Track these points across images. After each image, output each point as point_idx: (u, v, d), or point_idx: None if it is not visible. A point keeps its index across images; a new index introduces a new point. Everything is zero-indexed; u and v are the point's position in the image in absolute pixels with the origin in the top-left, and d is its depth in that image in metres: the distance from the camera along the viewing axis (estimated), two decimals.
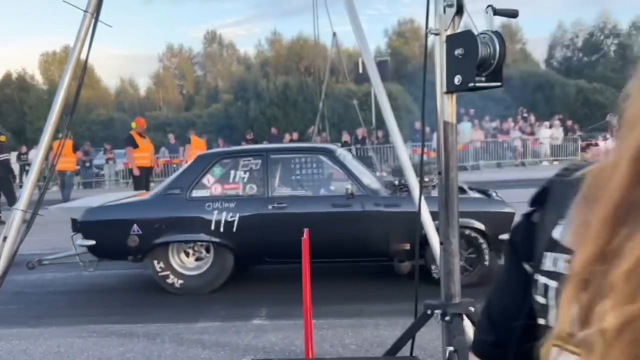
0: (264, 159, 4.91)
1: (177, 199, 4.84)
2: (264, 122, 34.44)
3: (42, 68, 48.80)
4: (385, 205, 4.65)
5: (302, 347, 3.34)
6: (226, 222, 4.68)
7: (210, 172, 4.92)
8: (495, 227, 4.50)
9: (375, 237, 4.63)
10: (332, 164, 4.91)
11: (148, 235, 4.72)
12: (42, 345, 3.67)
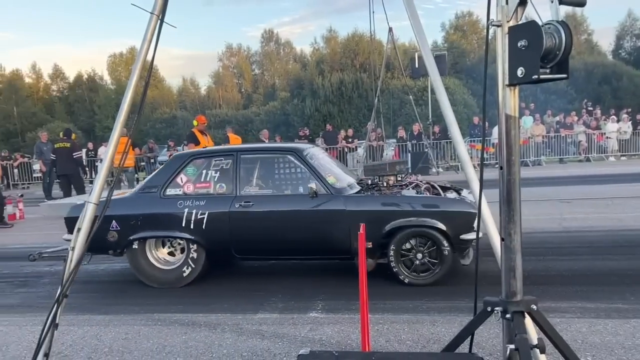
0: (234, 158, 5.08)
1: (152, 196, 5.06)
2: (319, 118, 34.63)
3: (110, 69, 51.17)
4: (348, 204, 4.69)
5: (358, 341, 3.36)
6: (196, 219, 4.86)
7: (183, 171, 5.12)
8: (456, 227, 4.49)
9: (337, 235, 4.68)
10: (299, 164, 4.97)
11: (125, 231, 4.97)
12: (111, 332, 3.87)
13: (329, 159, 5.70)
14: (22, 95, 46.02)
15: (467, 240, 4.51)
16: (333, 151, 18.32)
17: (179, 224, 4.88)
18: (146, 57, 2.85)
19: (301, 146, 5.33)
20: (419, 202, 4.65)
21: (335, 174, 5.13)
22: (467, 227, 4.49)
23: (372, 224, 4.44)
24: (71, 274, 2.63)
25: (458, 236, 4.49)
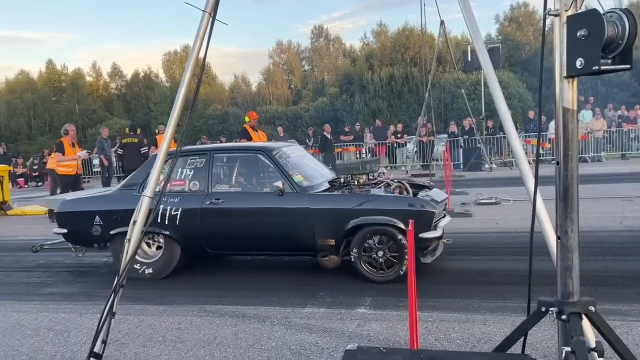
0: (208, 157, 5.28)
1: (131, 193, 5.24)
2: (368, 114, 34.44)
3: (165, 67, 52.68)
4: (312, 202, 4.81)
5: (406, 338, 3.32)
6: (170, 215, 5.09)
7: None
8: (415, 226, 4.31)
9: (302, 232, 4.81)
10: (268, 163, 5.11)
11: (108, 226, 5.24)
12: (165, 322, 3.99)
13: (305, 158, 5.82)
14: (83, 93, 48.12)
15: (426, 238, 4.55)
16: (382, 147, 18.19)
17: (155, 219, 5.04)
18: (199, 55, 2.91)
19: (271, 145, 5.48)
20: (379, 201, 4.75)
21: (304, 172, 5.22)
22: (426, 226, 4.54)
23: (334, 221, 4.71)
24: (127, 264, 2.73)
25: (417, 234, 4.43)
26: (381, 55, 42.23)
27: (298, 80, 52.38)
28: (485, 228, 6.93)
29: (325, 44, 54.03)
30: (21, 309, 4.53)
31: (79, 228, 5.43)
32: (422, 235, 4.49)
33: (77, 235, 5.48)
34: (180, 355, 3.34)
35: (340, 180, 5.52)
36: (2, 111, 45.79)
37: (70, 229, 5.47)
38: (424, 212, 4.59)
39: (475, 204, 8.78)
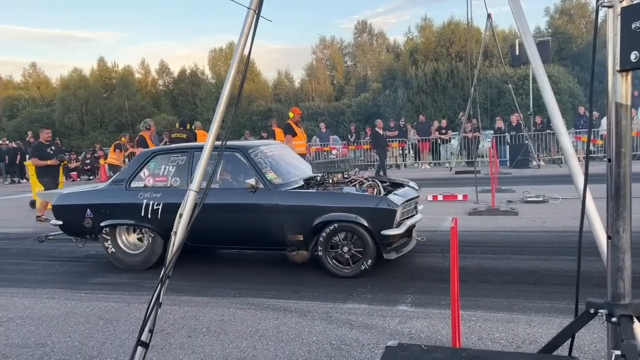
0: (189, 155, 5.57)
1: (119, 188, 5.68)
2: (411, 109, 34.07)
3: (210, 64, 53.62)
4: (281, 199, 5.01)
5: (448, 337, 3.28)
6: (152, 209, 5.38)
7: (146, 166, 5.69)
8: (377, 223, 4.70)
9: (273, 227, 5.02)
10: (244, 161, 5.30)
11: (98, 218, 5.61)
12: (209, 313, 4.09)
13: (286, 158, 5.98)
14: (132, 90, 49.60)
15: (389, 235, 4.68)
16: (425, 143, 17.97)
17: (139, 213, 5.42)
18: (243, 52, 2.95)
19: (248, 144, 5.77)
20: (345, 198, 4.91)
21: (279, 171, 5.43)
22: (388, 223, 4.68)
23: (302, 218, 4.90)
24: (173, 256, 2.80)
25: (379, 232, 4.67)
26: (425, 49, 41.63)
27: (341, 76, 52.30)
28: (532, 227, 6.75)
29: (369, 39, 53.71)
30: (73, 297, 4.73)
31: (73, 220, 5.79)
32: (384, 232, 4.66)
33: (71, 226, 5.85)
34: (224, 347, 3.41)
35: (317, 179, 5.61)
36: (57, 107, 47.78)
37: (65, 221, 5.84)
38: (386, 210, 4.72)
39: (522, 202, 8.56)
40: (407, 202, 5.11)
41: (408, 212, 5.18)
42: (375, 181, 5.36)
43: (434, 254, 5.58)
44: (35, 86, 55.16)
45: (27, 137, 23.93)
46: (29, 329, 3.94)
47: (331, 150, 19.32)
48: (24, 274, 5.74)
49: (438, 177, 14.14)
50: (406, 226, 4.91)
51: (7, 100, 51.14)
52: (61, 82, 51.24)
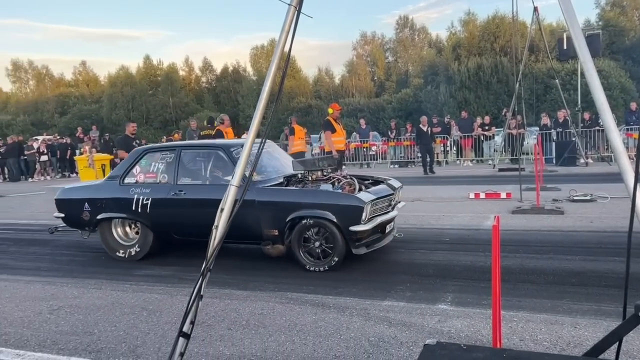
0: (176, 153, 5.88)
1: (114, 184, 6.05)
2: (454, 105, 33.51)
3: (252, 61, 54.22)
4: (258, 196, 5.23)
5: (489, 337, 3.23)
6: (142, 204, 5.73)
7: (138, 163, 6.04)
8: (346, 220, 4.89)
9: (250, 222, 5.22)
10: (226, 158, 5.58)
11: (94, 212, 5.99)
12: (249, 307, 4.15)
13: (270, 155, 6.18)
14: (177, 87, 50.71)
15: (356, 231, 4.87)
16: (468, 139, 17.65)
17: (130, 207, 5.78)
18: (284, 48, 2.98)
19: (230, 143, 6.06)
20: (317, 195, 5.13)
21: (258, 168, 5.52)
22: (356, 219, 4.86)
23: (277, 213, 5.15)
24: (214, 250, 2.86)
25: (347, 227, 4.87)
26: (469, 44, 40.88)
27: (381, 72, 51.92)
28: (578, 226, 6.54)
29: (410, 34, 53.09)
30: (119, 288, 4.89)
31: (73, 213, 6.19)
32: (352, 228, 4.86)
33: (72, 219, 6.25)
34: (263, 340, 3.46)
35: (298, 176, 5.77)
36: (105, 104, 49.37)
37: (66, 214, 6.27)
38: (354, 207, 4.89)
39: (568, 200, 8.30)
40: (380, 200, 5.26)
41: (381, 209, 5.33)
42: (352, 179, 5.59)
43: (475, 252, 5.49)
44: (85, 84, 57.21)
45: (77, 132, 24.87)
46: (78, 317, 4.10)
47: (370, 147, 19.24)
48: (73, 264, 5.97)
49: (480, 174, 13.87)
50: (376, 223, 5.07)
51: (58, 98, 53.23)
52: (109, 79, 52.92)
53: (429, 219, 7.02)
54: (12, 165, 20.75)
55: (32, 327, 3.92)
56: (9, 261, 6.31)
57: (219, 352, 3.31)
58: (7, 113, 53.01)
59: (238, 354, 3.26)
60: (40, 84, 58.98)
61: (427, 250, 5.71)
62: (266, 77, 3.03)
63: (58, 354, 3.40)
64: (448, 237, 6.34)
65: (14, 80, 60.36)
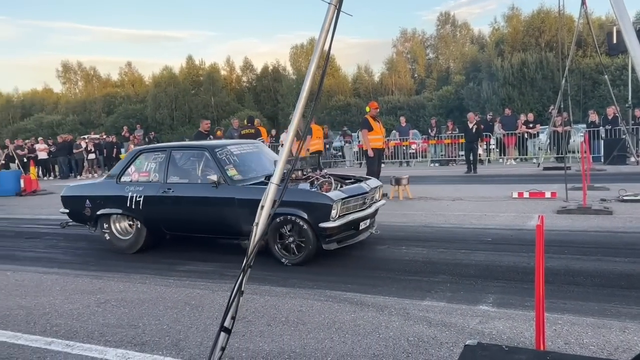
0: (167, 154, 6.26)
1: (112, 182, 6.46)
2: (496, 102, 32.84)
3: (292, 60, 54.56)
4: (237, 194, 5.60)
5: (532, 340, 3.15)
6: (135, 200, 6.11)
7: (133, 163, 6.43)
8: (316, 217, 5.19)
9: (230, 219, 5.60)
10: (211, 159, 5.91)
11: (95, 208, 6.41)
12: (288, 304, 4.19)
13: (255, 156, 6.52)
14: (218, 87, 51.56)
15: (325, 228, 5.15)
16: (511, 137, 17.24)
17: (125, 204, 6.17)
18: (324, 47, 2.98)
19: (216, 144, 6.45)
20: (290, 194, 5.26)
21: (242, 168, 5.98)
22: (325, 216, 5.14)
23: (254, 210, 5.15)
24: (254, 246, 2.90)
25: (317, 224, 5.16)
26: (513, 40, 39.94)
27: (422, 69, 51.35)
28: (628, 227, 6.30)
29: (452, 30, 52.29)
30: (163, 283, 5.02)
31: (76, 209, 6.64)
32: (321, 224, 5.15)
33: (76, 214, 6.70)
34: (302, 337, 3.49)
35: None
36: (149, 104, 50.70)
37: (70, 210, 6.72)
38: (323, 204, 5.19)
39: (617, 200, 8.00)
40: (352, 198, 5.52)
41: (354, 207, 5.56)
42: (330, 178, 5.87)
43: (518, 253, 5.36)
44: (130, 84, 58.94)
45: (123, 131, 25.63)
46: (124, 311, 4.24)
47: (410, 145, 19.05)
48: (118, 260, 6.16)
49: (524, 173, 13.53)
50: (346, 220, 5.35)
51: (105, 98, 55.03)
52: (153, 79, 54.34)
53: (470, 218, 6.90)
54: (62, 163, 21.58)
55: (81, 319, 4.08)
56: (59, 255, 6.58)
57: (259, 348, 3.35)
58: (58, 113, 55.25)
59: (277, 350, 3.30)
60: (89, 84, 61.14)
61: (468, 250, 5.61)
62: (306, 76, 3.05)
63: (105, 346, 3.53)
64: (490, 237, 6.22)
65: (64, 81, 62.86)
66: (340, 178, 6.19)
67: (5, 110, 58.25)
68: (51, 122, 51.35)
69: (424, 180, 12.46)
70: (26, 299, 4.72)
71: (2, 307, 4.49)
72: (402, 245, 6.00)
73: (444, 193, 10.06)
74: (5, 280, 5.45)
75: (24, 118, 55.27)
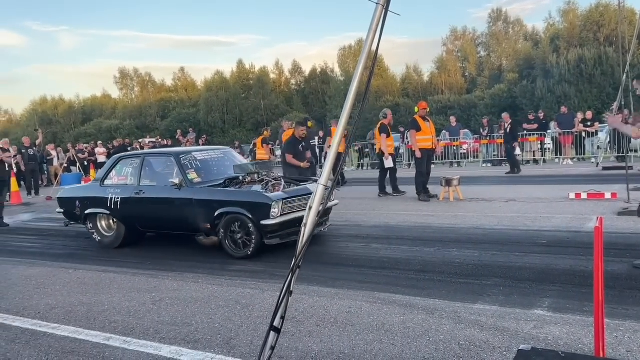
0: (141, 160, 7.04)
1: (97, 185, 7.31)
2: (552, 100, 31.76)
3: (340, 61, 54.66)
4: (195, 195, 6.27)
5: (591, 347, 3.02)
6: (114, 201, 6.89)
7: (115, 168, 7.24)
8: (257, 215, 5.79)
9: (190, 217, 6.31)
10: (175, 164, 6.62)
11: (83, 208, 7.25)
12: (337, 305, 4.19)
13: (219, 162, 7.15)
14: (268, 90, 52.31)
15: (266, 225, 5.74)
16: (568, 136, 16.60)
17: (106, 204, 6.95)
18: (371, 48, 2.97)
19: (181, 151, 7.17)
20: (236, 194, 6.11)
21: (203, 172, 6.65)
22: (265, 215, 5.74)
23: (207, 209, 6.15)
24: (303, 247, 2.91)
25: (259, 222, 5.76)
26: (569, 35, 38.51)
27: (473, 68, 50.28)
28: None
29: (504, 27, 50.94)
30: (215, 282, 5.13)
31: (69, 209, 7.47)
32: (262, 222, 5.74)
33: (69, 214, 7.53)
34: (350, 338, 3.48)
35: (239, 178, 6.64)
36: (202, 108, 52.01)
37: (65, 210, 7.58)
38: (263, 204, 5.79)
39: None
40: (296, 198, 6.06)
41: (299, 206, 6.05)
42: (280, 180, 6.55)
43: (575, 256, 5.16)
44: (184, 89, 60.70)
45: (177, 134, 26.39)
46: (177, 309, 4.36)
47: (461, 145, 18.67)
48: (173, 259, 6.35)
49: (582, 173, 12.99)
50: (287, 218, 5.87)
51: (160, 103, 56.90)
52: (205, 84, 55.73)
53: (524, 220, 6.69)
54: None
55: (137, 317, 4.23)
56: (117, 255, 6.84)
57: (308, 348, 3.37)
58: (116, 118, 57.55)
59: (326, 351, 3.31)
60: (144, 90, 63.41)
61: (522, 253, 5.45)
62: (353, 77, 3.04)
63: (160, 343, 3.64)
64: (545, 239, 6.01)
65: (121, 87, 65.45)
66: (295, 181, 6.92)
67: (67, 115, 61.23)
68: (109, 126, 53.58)
69: (476, 181, 12.18)
70: (87, 296, 4.94)
71: (65, 303, 4.72)
72: (453, 247, 5.89)
73: (496, 194, 9.79)
74: (67, 277, 5.72)
75: (85, 123, 57.95)
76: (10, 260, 6.86)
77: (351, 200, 10.22)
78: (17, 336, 3.96)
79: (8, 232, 9.42)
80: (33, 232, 9.26)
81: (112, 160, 7.53)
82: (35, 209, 12.36)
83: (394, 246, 6.17)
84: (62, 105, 63.54)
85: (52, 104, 63.78)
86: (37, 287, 5.37)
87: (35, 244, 8.24)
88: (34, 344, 3.78)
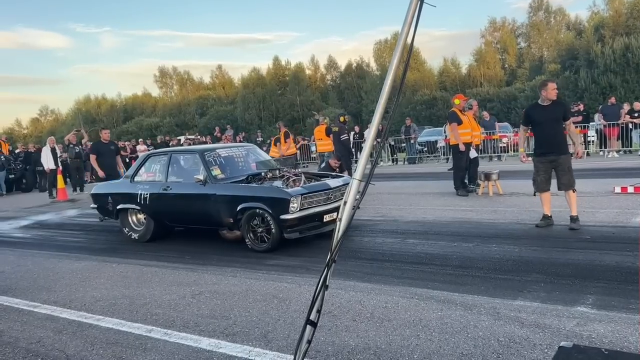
0: (168, 157, 7.34)
1: (127, 182, 7.60)
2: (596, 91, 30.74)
3: (375, 56, 54.27)
4: (217, 190, 6.48)
5: (637, 345, 2.92)
6: (143, 197, 7.18)
7: (144, 165, 7.57)
8: (277, 210, 5.92)
9: (213, 212, 6.52)
10: (200, 161, 6.81)
11: (115, 203, 7.60)
12: (373, 300, 4.18)
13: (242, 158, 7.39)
14: (303, 86, 52.45)
15: (285, 219, 5.87)
16: (613, 128, 16.02)
17: (136, 200, 7.24)
18: (406, 40, 2.93)
19: (206, 148, 7.39)
20: (257, 190, 6.28)
21: (226, 168, 6.87)
22: (284, 209, 5.87)
23: (230, 205, 6.32)
24: (339, 242, 2.91)
25: (279, 216, 5.89)
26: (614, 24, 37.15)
27: (512, 59, 49.10)
28: None
29: (545, 17, 49.51)
30: (252, 276, 5.20)
31: (102, 204, 7.91)
32: (282, 216, 5.87)
33: (102, 209, 8.03)
34: (387, 333, 3.47)
35: (261, 175, 6.84)
36: (239, 105, 52.63)
37: (98, 205, 8.02)
38: (282, 199, 5.92)
39: None
40: (314, 194, 6.19)
41: (317, 201, 6.22)
42: (300, 176, 6.71)
43: (621, 252, 4.98)
44: (221, 86, 61.58)
45: (215, 131, 26.79)
46: (216, 302, 4.44)
47: (501, 139, 18.26)
48: (211, 253, 6.46)
49: (628, 166, 12.52)
50: (306, 213, 6.02)
51: (198, 100, 57.90)
52: (242, 81, 56.32)
53: (565, 214, 6.48)
54: None
55: (177, 310, 4.33)
56: (158, 250, 7.01)
57: (344, 342, 3.38)
58: (156, 116, 58.90)
59: (363, 345, 3.31)
60: (183, 88, 64.67)
61: (564, 249, 5.30)
62: (388, 71, 3.01)
63: (199, 335, 3.72)
64: (589, 234, 5.83)
65: (160, 85, 66.91)
66: (315, 176, 7.11)
67: (110, 114, 63.03)
68: (150, 124, 54.89)
69: (516, 175, 11.89)
70: (129, 289, 5.09)
71: (109, 296, 4.88)
72: (493, 242, 5.78)
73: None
74: (111, 271, 5.91)
75: (126, 121, 59.56)
76: (57, 254, 7.13)
77: (387, 195, 10.16)
78: (65, 327, 4.12)
79: (56, 227, 9.80)
80: (78, 228, 9.60)
81: (141, 158, 7.89)
82: (80, 205, 12.79)
83: (432, 241, 6.10)
84: (105, 104, 65.43)
85: (95, 103, 65.75)
86: (83, 280, 5.57)
87: (81, 238, 8.54)
88: (80, 334, 3.93)
